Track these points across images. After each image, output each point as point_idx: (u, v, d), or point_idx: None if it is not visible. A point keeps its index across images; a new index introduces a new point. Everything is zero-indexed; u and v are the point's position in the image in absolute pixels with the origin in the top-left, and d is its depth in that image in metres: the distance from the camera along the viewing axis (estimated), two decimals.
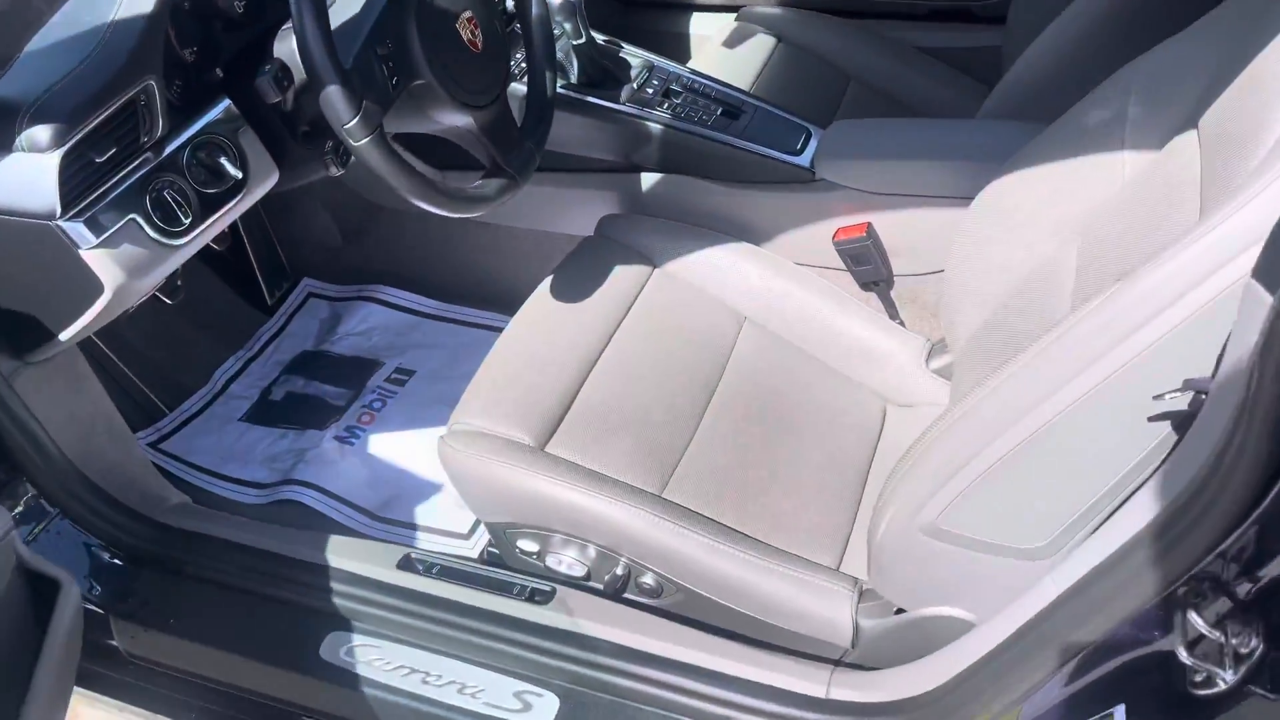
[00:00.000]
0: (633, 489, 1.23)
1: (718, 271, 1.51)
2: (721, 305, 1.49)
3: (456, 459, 1.24)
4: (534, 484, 1.21)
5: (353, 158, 1.13)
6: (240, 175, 1.14)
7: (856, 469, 1.35)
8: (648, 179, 1.58)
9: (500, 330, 1.71)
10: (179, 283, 1.65)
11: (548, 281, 1.46)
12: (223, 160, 1.13)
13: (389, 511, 1.52)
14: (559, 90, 1.53)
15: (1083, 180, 1.19)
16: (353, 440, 1.63)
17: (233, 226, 1.80)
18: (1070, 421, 0.89)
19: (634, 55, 1.62)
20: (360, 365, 1.77)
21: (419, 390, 1.71)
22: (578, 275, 1.47)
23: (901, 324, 1.53)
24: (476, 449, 1.24)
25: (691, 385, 1.37)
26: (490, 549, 1.40)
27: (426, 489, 1.53)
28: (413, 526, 1.49)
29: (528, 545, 1.28)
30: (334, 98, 1.02)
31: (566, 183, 1.64)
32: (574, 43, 1.51)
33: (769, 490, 1.29)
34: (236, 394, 1.74)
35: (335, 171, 1.21)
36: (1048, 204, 1.22)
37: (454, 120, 1.20)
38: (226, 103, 1.16)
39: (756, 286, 1.50)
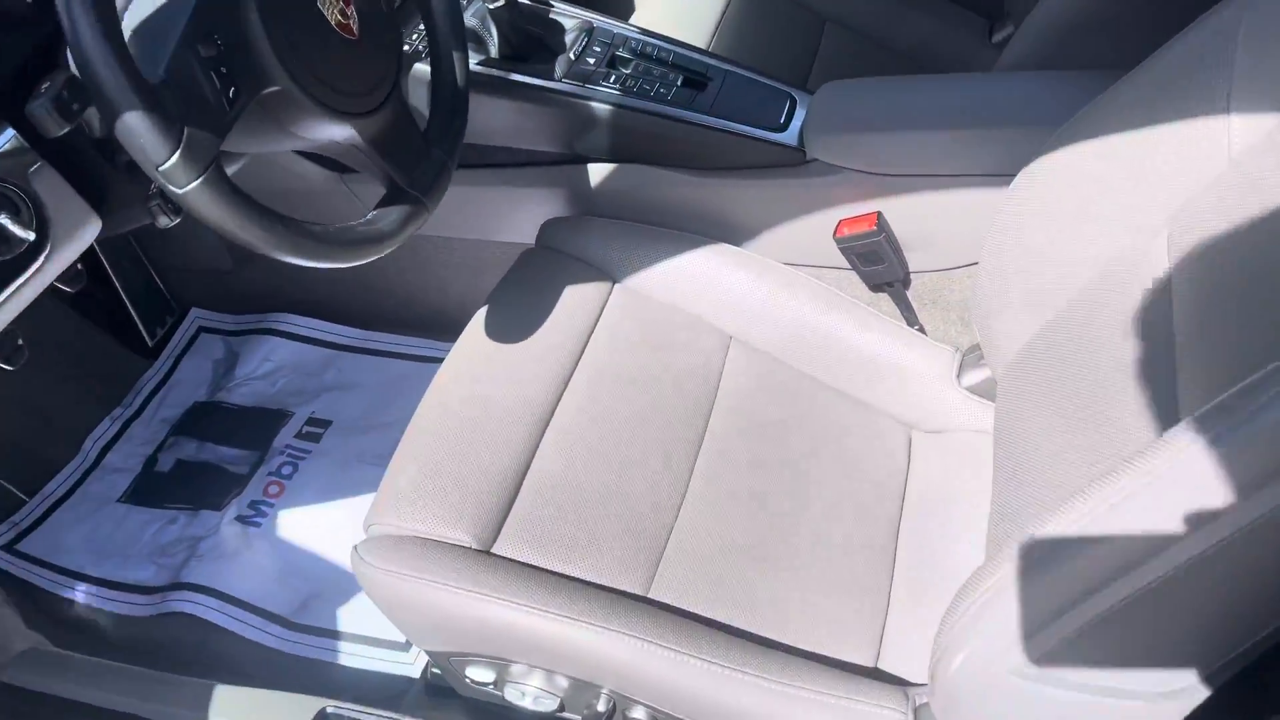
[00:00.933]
0: (611, 597, 0.94)
1: (693, 282, 1.21)
2: (701, 323, 1.19)
3: (377, 579, 0.94)
4: (482, 609, 0.92)
5: None
6: (31, 236, 0.81)
7: (886, 523, 1.08)
8: (597, 171, 1.27)
9: (434, 361, 1.41)
10: (19, 343, 1.32)
11: (480, 315, 1.16)
12: (2, 219, 0.80)
13: (307, 615, 1.22)
14: (476, 68, 1.20)
15: (1172, 153, 0.90)
16: (258, 520, 1.32)
17: (91, 256, 1.47)
18: (1250, 541, 0.61)
19: (567, 15, 1.29)
20: (265, 418, 1.45)
21: (338, 446, 1.40)
22: (518, 301, 1.17)
23: (922, 331, 1.25)
24: (401, 562, 0.94)
25: (674, 435, 1.08)
26: (435, 669, 1.12)
27: (352, 582, 1.23)
28: (336, 635, 1.19)
29: (480, 675, 0.99)
30: (136, 129, 0.70)
31: (498, 181, 1.32)
32: (489, 5, 1.18)
33: (781, 568, 1.01)
34: (114, 466, 1.42)
35: (165, 222, 0.89)
36: (1123, 185, 0.93)
37: (328, 134, 0.88)
38: (10, 133, 0.83)
39: (742, 297, 1.21)
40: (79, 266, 1.40)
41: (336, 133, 0.88)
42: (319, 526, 1.30)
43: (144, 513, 1.36)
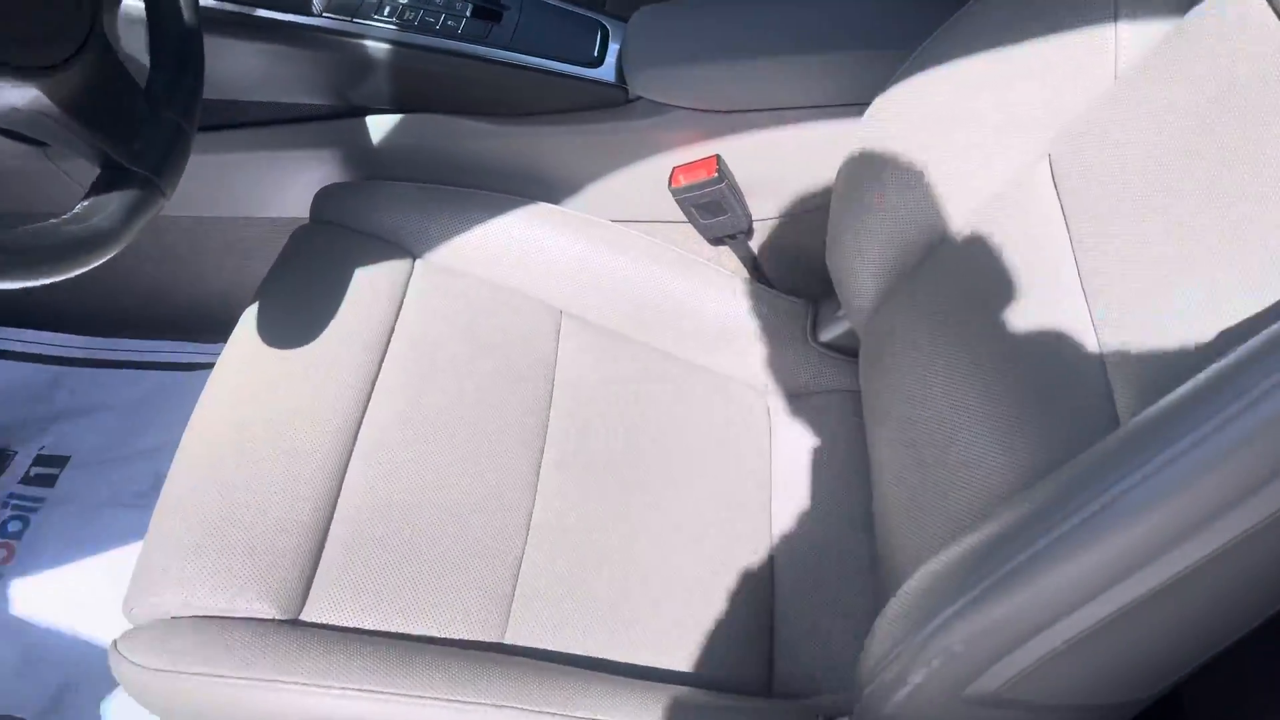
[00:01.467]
0: (461, 657, 0.76)
1: (509, 250, 1.02)
2: (524, 299, 1.01)
3: (150, 685, 0.72)
4: (300, 702, 0.72)
5: None
6: None
7: (759, 511, 0.95)
8: (378, 125, 1.05)
9: (197, 368, 1.16)
10: None
11: (249, 314, 0.92)
12: None
13: (64, 716, 0.96)
14: (210, 3, 0.94)
15: (1052, 67, 0.80)
16: None
17: None
18: (1228, 558, 0.50)
19: None
20: None
21: (81, 488, 1.12)
22: (294, 292, 0.94)
23: (768, 285, 1.12)
24: (181, 655, 0.72)
25: (510, 440, 0.91)
26: None
27: None
28: None
29: None
30: None
31: (256, 144, 1.07)
32: None
33: (652, 584, 0.86)
34: None
35: None
36: (997, 107, 0.82)
37: (19, 97, 0.62)
38: None
39: (569, 264, 1.03)
40: None
41: (13, 97, 0.62)
42: (68, 595, 1.03)
43: None
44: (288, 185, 1.11)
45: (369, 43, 0.98)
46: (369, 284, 0.96)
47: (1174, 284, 0.64)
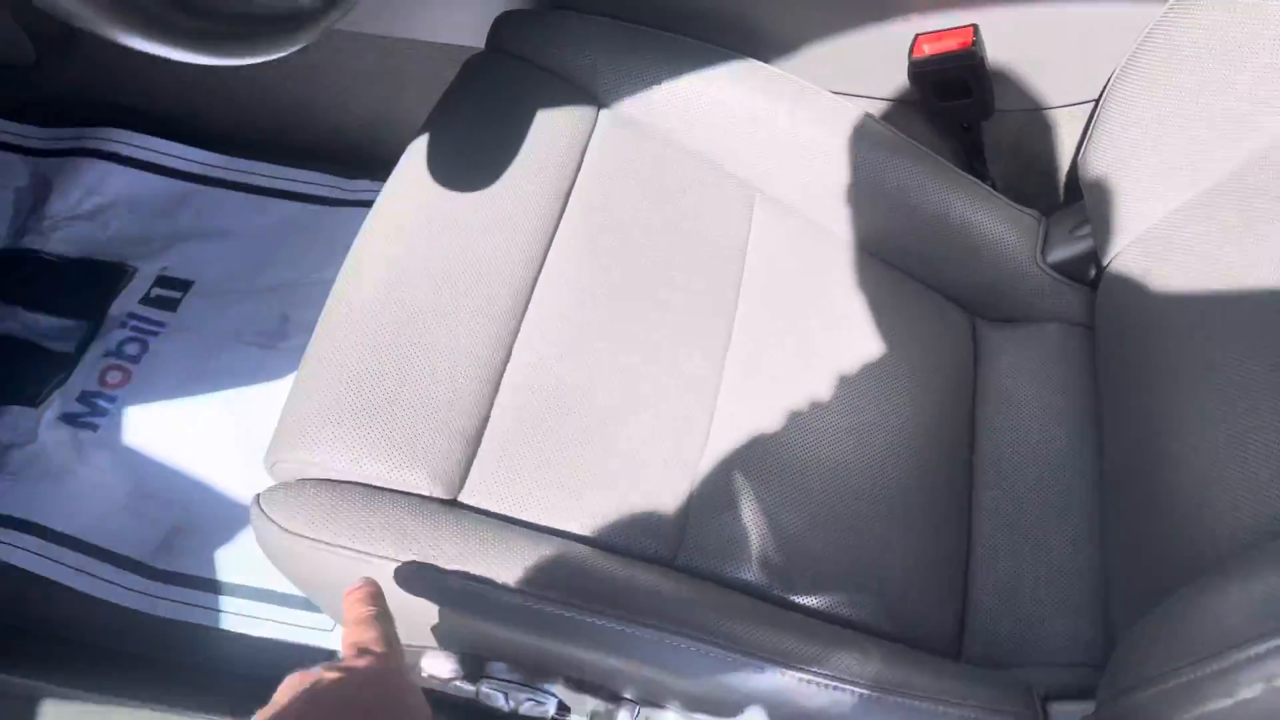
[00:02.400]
0: (634, 571, 0.66)
1: (707, 111, 0.88)
2: (717, 169, 0.88)
3: (294, 552, 0.63)
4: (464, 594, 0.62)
5: None
6: None
7: (956, 445, 0.83)
8: None
9: (331, 203, 1.05)
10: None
11: (416, 149, 0.81)
12: None
13: (176, 559, 0.89)
14: None
15: None
16: (94, 421, 0.96)
17: None
18: None
19: None
20: (95, 275, 1.06)
21: (202, 316, 1.03)
22: (470, 129, 0.82)
23: (994, 187, 0.97)
24: (331, 525, 0.62)
25: (692, 326, 0.79)
26: None
27: (236, 510, 0.90)
28: (217, 588, 0.87)
29: (439, 667, 0.70)
30: None
31: None
32: None
33: (838, 511, 0.75)
34: None
35: None
36: None
37: None
38: None
39: (772, 135, 0.89)
40: None
41: None
42: (183, 430, 0.95)
43: None
44: (460, 5, 0.98)
45: None
46: (550, 128, 0.84)
47: None
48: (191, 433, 0.94)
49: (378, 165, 0.98)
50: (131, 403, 0.97)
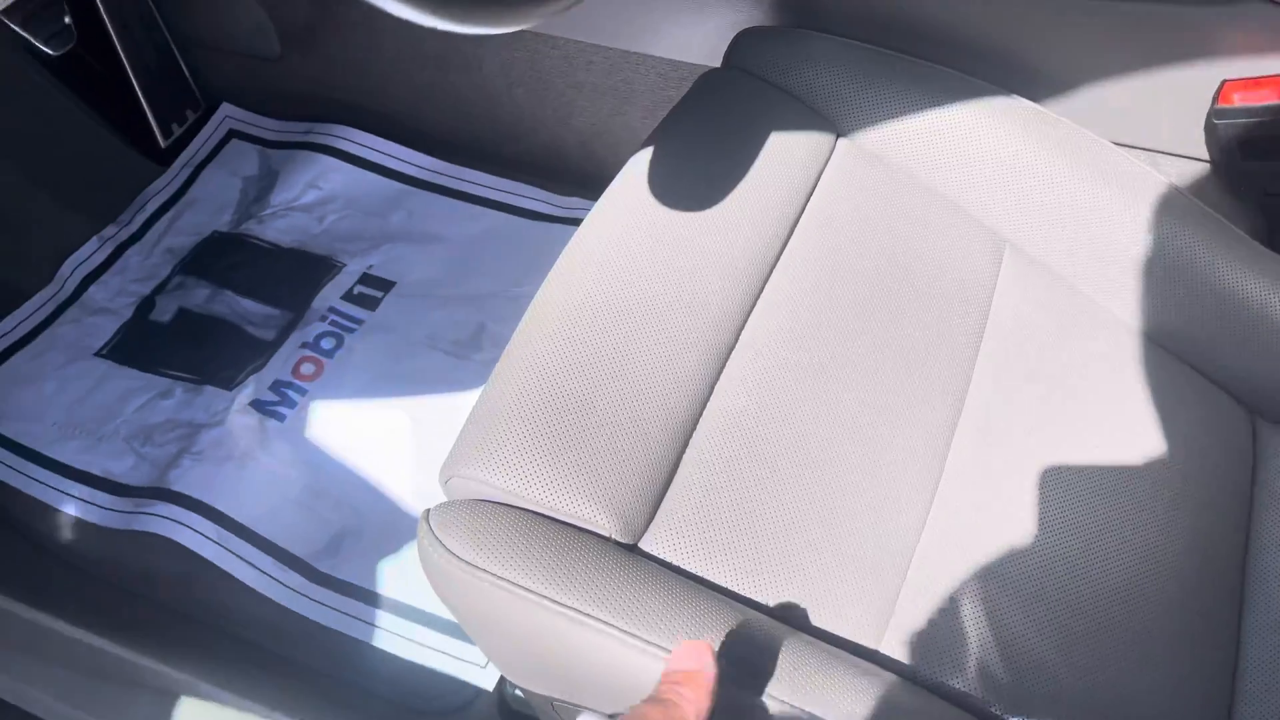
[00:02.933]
0: (832, 664, 0.56)
1: (962, 150, 0.79)
2: (964, 217, 0.78)
3: (455, 577, 0.57)
4: (639, 660, 0.54)
5: None
6: None
7: (1230, 550, 0.69)
8: None
9: (542, 219, 1.02)
10: (66, 20, 0.94)
11: (638, 164, 0.75)
12: None
13: (337, 563, 0.85)
14: None
15: None
16: (282, 411, 0.94)
17: (89, 12, 1.06)
18: None
19: None
20: (305, 266, 1.06)
21: (400, 318, 1.01)
22: (698, 143, 0.76)
23: None
24: (498, 553, 0.56)
25: (921, 383, 0.69)
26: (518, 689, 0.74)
27: (407, 521, 0.87)
28: (375, 599, 0.83)
29: None
30: None
31: None
32: None
33: (1080, 637, 0.62)
34: (97, 304, 1.05)
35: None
36: None
37: None
38: None
39: (1035, 185, 0.78)
40: (65, 20, 1.00)
41: None
42: (364, 430, 0.92)
43: (129, 376, 0.99)
44: (697, 22, 0.92)
45: None
46: (781, 153, 0.76)
47: None
48: (372, 435, 0.91)
49: (592, 182, 0.93)
50: (320, 397, 0.95)
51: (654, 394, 0.62)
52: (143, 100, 1.13)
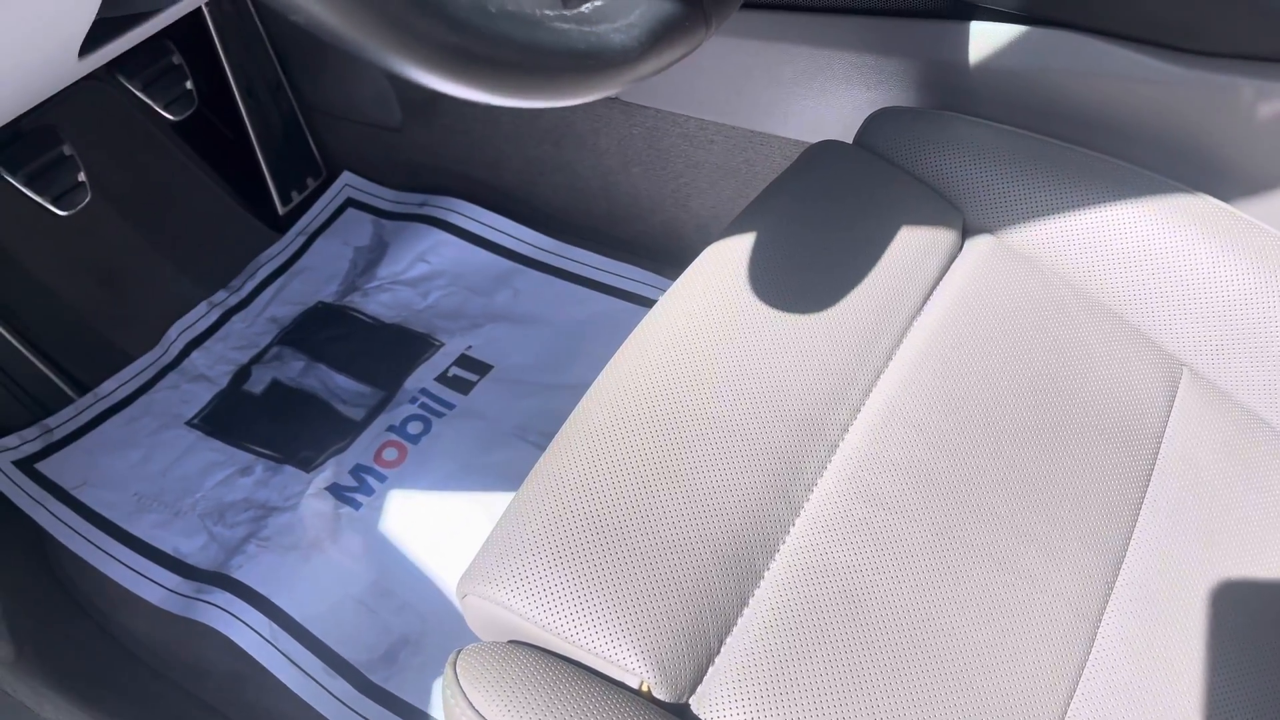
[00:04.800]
0: None
1: (1129, 256, 0.66)
2: (1131, 332, 0.66)
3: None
4: None
5: None
6: None
7: None
8: (985, 36, 0.74)
9: (651, 303, 0.93)
10: (80, 179, 0.94)
11: (718, 244, 0.66)
12: None
13: (392, 677, 0.78)
14: None
15: None
16: (358, 500, 0.89)
17: (214, 78, 1.06)
18: None
19: None
20: (403, 343, 1.02)
21: (492, 405, 0.95)
22: (785, 227, 0.66)
23: None
24: (524, 712, 0.47)
25: (1072, 532, 0.56)
26: None
27: (474, 637, 0.79)
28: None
29: None
30: None
31: (804, 35, 0.80)
32: None
33: None
34: (196, 371, 1.03)
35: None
36: None
37: None
38: None
39: (1223, 299, 0.65)
40: (187, 86, 1.00)
41: None
42: (438, 526, 0.86)
43: (215, 449, 0.95)
44: (828, 101, 0.83)
45: None
46: (901, 241, 0.66)
47: None
48: (447, 534, 0.84)
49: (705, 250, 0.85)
50: (399, 485, 0.89)
51: (715, 520, 0.52)
52: (264, 166, 1.12)
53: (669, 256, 1.02)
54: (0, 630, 0.75)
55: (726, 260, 0.64)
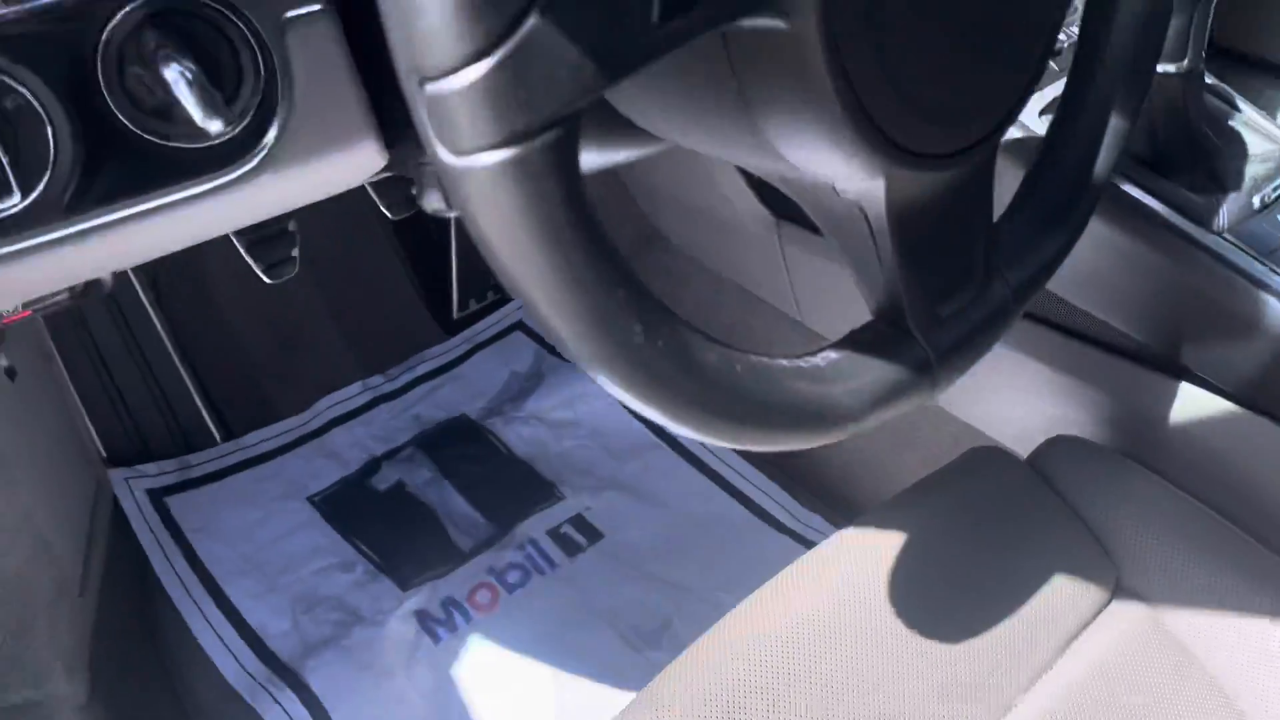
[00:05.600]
0: None
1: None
2: None
3: None
4: None
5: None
6: (215, 123, 0.40)
7: None
8: (1195, 398, 0.72)
9: (775, 528, 0.94)
10: (294, 254, 0.98)
11: (853, 530, 0.65)
12: (182, 76, 0.39)
13: None
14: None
15: None
16: (441, 633, 0.89)
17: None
18: None
19: (1260, 127, 0.74)
20: (527, 482, 1.03)
21: (593, 575, 0.95)
22: (939, 535, 0.64)
23: None
24: None
25: None
26: None
27: None
28: None
29: None
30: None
31: (1013, 338, 0.80)
32: (1165, 68, 0.66)
33: None
34: (332, 448, 1.06)
35: (435, 207, 0.48)
36: None
37: (823, 168, 0.40)
38: None
39: None
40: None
41: (840, 174, 0.40)
42: (507, 691, 0.85)
43: (325, 534, 0.98)
44: (1012, 403, 0.82)
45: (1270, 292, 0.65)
46: (1049, 586, 0.63)
47: None
48: (511, 700, 0.84)
49: (840, 505, 0.84)
50: (482, 632, 0.89)
51: None
52: (454, 268, 1.17)
53: (804, 478, 1.01)
54: (80, 666, 0.78)
55: (865, 549, 0.63)
